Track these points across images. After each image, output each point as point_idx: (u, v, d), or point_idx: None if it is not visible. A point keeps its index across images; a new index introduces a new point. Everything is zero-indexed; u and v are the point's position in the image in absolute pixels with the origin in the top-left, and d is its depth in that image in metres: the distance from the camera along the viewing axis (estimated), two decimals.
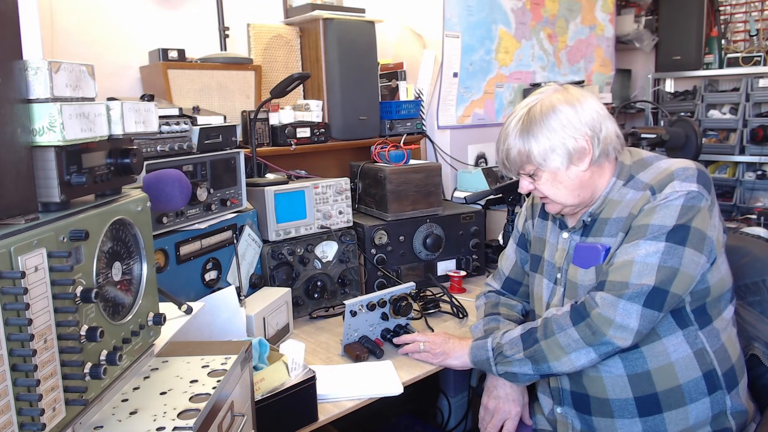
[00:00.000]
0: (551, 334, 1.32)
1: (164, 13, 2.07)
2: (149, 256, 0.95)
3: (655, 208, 1.26)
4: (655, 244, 1.24)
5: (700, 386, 1.28)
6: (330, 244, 1.95)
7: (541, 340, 1.34)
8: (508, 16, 2.91)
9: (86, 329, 0.75)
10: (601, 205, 1.38)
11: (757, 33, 3.72)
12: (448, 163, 2.70)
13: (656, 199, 1.27)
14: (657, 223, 1.25)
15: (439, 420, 2.61)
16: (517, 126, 1.35)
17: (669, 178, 1.29)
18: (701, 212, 1.25)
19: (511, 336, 1.39)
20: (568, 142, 1.32)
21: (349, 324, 1.60)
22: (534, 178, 1.38)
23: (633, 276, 1.24)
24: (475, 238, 2.21)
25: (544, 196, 1.40)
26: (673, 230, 1.24)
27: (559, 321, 1.32)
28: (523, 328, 1.40)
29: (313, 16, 2.22)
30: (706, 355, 1.29)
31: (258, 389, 1.20)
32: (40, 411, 0.66)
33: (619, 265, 1.27)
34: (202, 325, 1.33)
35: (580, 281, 1.38)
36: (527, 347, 1.35)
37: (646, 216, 1.27)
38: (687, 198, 1.25)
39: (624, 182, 1.37)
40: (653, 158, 1.39)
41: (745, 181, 3.69)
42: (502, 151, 1.39)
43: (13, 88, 0.71)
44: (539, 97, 1.36)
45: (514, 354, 1.37)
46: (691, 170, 1.29)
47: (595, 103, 1.36)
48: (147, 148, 1.48)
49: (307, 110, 2.20)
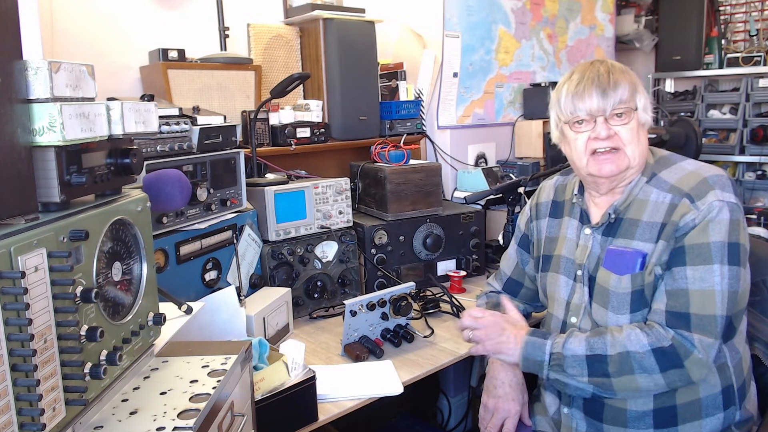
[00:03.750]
0: (629, 372, 1.23)
1: (164, 13, 2.07)
2: (149, 256, 0.95)
3: (708, 224, 1.21)
4: (723, 269, 1.20)
5: (718, 401, 1.27)
6: (330, 244, 1.95)
7: (614, 377, 1.24)
8: (508, 16, 2.91)
9: (86, 329, 0.75)
10: (625, 201, 1.34)
11: (757, 33, 3.72)
12: (448, 163, 2.70)
13: (698, 210, 1.22)
14: (717, 240, 1.20)
15: (439, 420, 2.61)
16: (616, 65, 1.33)
17: (705, 185, 1.24)
18: (742, 225, 1.23)
19: (574, 352, 1.28)
20: (648, 107, 1.33)
21: (349, 324, 1.60)
22: (622, 119, 1.29)
23: (718, 308, 1.20)
24: (475, 238, 2.21)
25: (615, 148, 1.29)
26: (731, 250, 1.20)
27: (641, 362, 1.21)
28: (588, 346, 1.27)
29: (313, 16, 2.22)
30: (727, 369, 1.28)
31: (258, 389, 1.20)
32: (40, 411, 0.66)
33: (699, 297, 1.21)
34: (202, 325, 1.33)
35: (612, 287, 1.31)
36: (594, 375, 1.26)
37: (700, 234, 1.22)
38: (732, 211, 1.22)
39: (647, 179, 1.33)
40: (675, 157, 1.36)
41: (745, 181, 3.68)
42: (603, 77, 1.29)
43: (13, 88, 0.71)
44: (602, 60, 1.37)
45: (577, 375, 1.28)
46: (725, 178, 1.26)
47: None
48: (147, 148, 1.48)
49: (307, 110, 2.20)
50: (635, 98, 1.31)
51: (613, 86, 1.30)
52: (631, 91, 1.31)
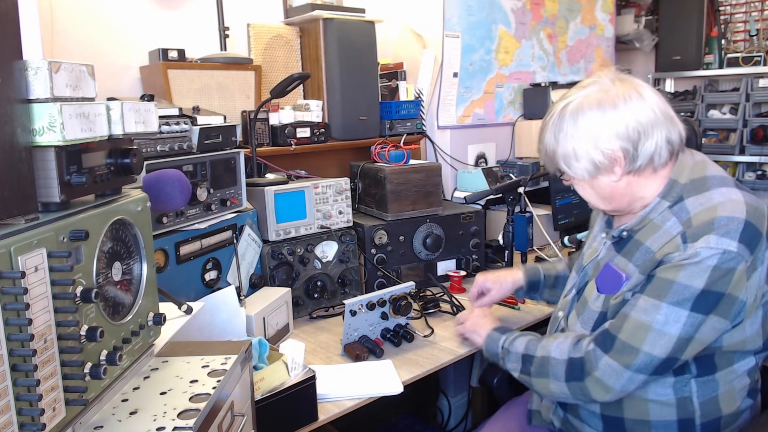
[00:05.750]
0: (544, 375, 1.28)
1: (164, 13, 2.07)
2: (149, 256, 0.95)
3: (683, 264, 1.11)
4: (678, 312, 1.11)
5: (671, 428, 1.23)
6: (330, 244, 1.95)
7: (533, 377, 1.30)
8: (508, 16, 2.91)
9: (86, 329, 0.75)
10: (639, 223, 1.25)
11: (757, 33, 3.72)
12: (448, 163, 2.70)
13: (686, 250, 1.11)
14: (683, 282, 1.10)
15: (439, 420, 2.61)
16: (549, 124, 1.25)
17: (708, 226, 1.11)
18: (736, 276, 1.10)
19: (516, 349, 1.36)
20: (593, 153, 1.19)
21: (349, 323, 1.60)
22: (566, 180, 1.30)
23: (646, 344, 1.13)
24: (475, 238, 2.21)
25: None
26: (701, 296, 1.10)
27: (555, 368, 1.25)
28: (526, 346, 1.34)
29: (313, 16, 2.22)
30: (689, 404, 1.21)
31: (258, 389, 1.20)
32: (40, 411, 0.66)
33: (634, 325, 1.15)
34: (202, 325, 1.33)
35: (590, 302, 1.31)
36: (522, 372, 1.34)
37: (672, 270, 1.12)
38: (722, 259, 1.09)
39: (670, 204, 1.20)
40: (712, 182, 1.19)
41: (745, 181, 3.68)
42: (538, 147, 1.32)
43: (13, 88, 0.71)
44: (579, 93, 1.23)
45: (513, 370, 1.36)
46: (736, 222, 1.10)
47: (642, 104, 1.18)
48: (147, 148, 1.48)
49: (307, 110, 2.20)
50: (556, 161, 1.25)
51: (540, 153, 1.31)
52: (550, 155, 1.26)
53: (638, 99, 1.18)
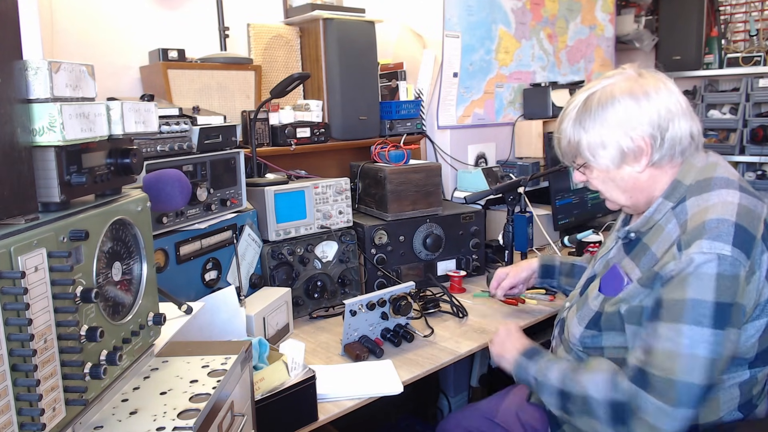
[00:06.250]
0: (587, 414, 1.19)
1: (164, 13, 2.07)
2: (149, 256, 0.95)
3: (686, 278, 1.08)
4: (700, 332, 1.07)
5: None
6: (330, 244, 1.95)
7: (576, 416, 1.23)
8: (508, 16, 2.91)
9: (86, 329, 0.75)
10: (645, 224, 1.24)
11: (757, 33, 3.71)
12: (448, 163, 2.70)
13: (681, 259, 1.09)
14: (693, 297, 1.07)
15: (439, 420, 2.61)
16: (572, 113, 1.24)
17: (698, 232, 1.10)
18: (741, 283, 1.07)
19: (551, 382, 1.27)
20: (623, 140, 1.19)
21: (349, 323, 1.60)
22: (585, 172, 1.29)
23: (680, 372, 1.07)
24: (475, 238, 2.21)
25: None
26: (716, 310, 1.06)
27: (597, 409, 1.17)
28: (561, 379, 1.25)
29: (313, 16, 2.22)
30: None
31: (258, 389, 1.20)
32: (40, 411, 0.66)
33: (663, 355, 1.09)
34: (202, 325, 1.33)
35: (590, 300, 1.30)
36: (562, 408, 1.26)
37: (678, 288, 1.09)
38: (721, 265, 1.06)
39: (674, 205, 1.20)
40: (716, 182, 1.18)
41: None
42: (555, 137, 1.29)
43: (13, 88, 0.71)
44: (605, 82, 1.23)
45: (550, 404, 1.29)
46: (727, 224, 1.09)
47: (670, 96, 1.21)
48: (147, 148, 1.48)
49: (307, 110, 2.20)
50: (581, 151, 1.24)
51: (558, 143, 1.29)
52: (573, 146, 1.24)
53: (666, 90, 1.21)
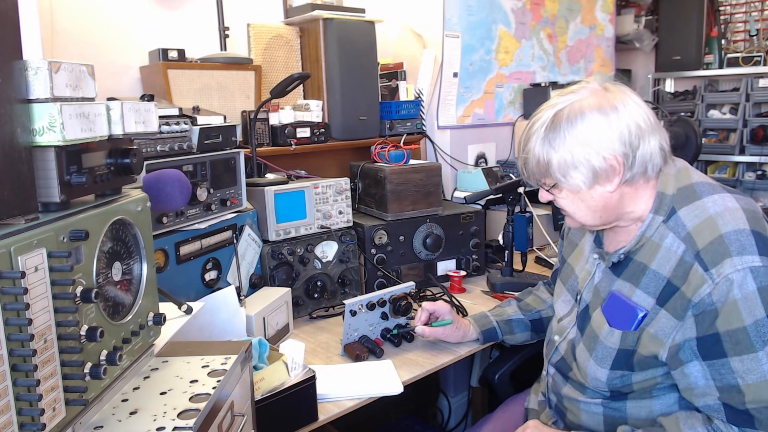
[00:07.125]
0: None
1: (164, 13, 2.07)
2: (149, 256, 0.95)
3: (736, 304, 1.04)
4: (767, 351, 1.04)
5: None
6: (330, 244, 1.95)
7: None
8: (508, 16, 2.91)
9: (86, 329, 0.75)
10: (636, 245, 1.19)
11: (757, 33, 3.72)
12: (448, 163, 2.70)
13: (713, 281, 1.05)
14: (751, 319, 1.03)
15: (439, 420, 2.61)
16: (540, 131, 1.18)
17: (720, 247, 1.06)
18: None
19: None
20: (594, 159, 1.12)
21: (349, 323, 1.60)
22: (553, 192, 1.23)
23: None
24: (475, 238, 2.21)
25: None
26: None
27: None
28: None
29: (313, 16, 2.22)
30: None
31: (258, 389, 1.20)
32: (40, 411, 0.66)
33: (754, 387, 1.04)
34: (202, 325, 1.33)
35: (603, 337, 1.22)
36: None
37: (734, 317, 1.04)
38: (757, 278, 1.03)
39: (664, 219, 1.16)
40: (701, 188, 1.16)
41: (745, 181, 3.68)
42: (521, 157, 1.23)
43: (13, 88, 0.71)
44: (572, 98, 1.17)
45: None
46: (745, 233, 1.06)
47: (639, 110, 1.14)
48: (147, 148, 1.48)
49: (307, 110, 2.20)
50: (550, 171, 1.17)
51: (524, 163, 1.22)
52: (542, 166, 1.18)
53: (633, 104, 1.15)
